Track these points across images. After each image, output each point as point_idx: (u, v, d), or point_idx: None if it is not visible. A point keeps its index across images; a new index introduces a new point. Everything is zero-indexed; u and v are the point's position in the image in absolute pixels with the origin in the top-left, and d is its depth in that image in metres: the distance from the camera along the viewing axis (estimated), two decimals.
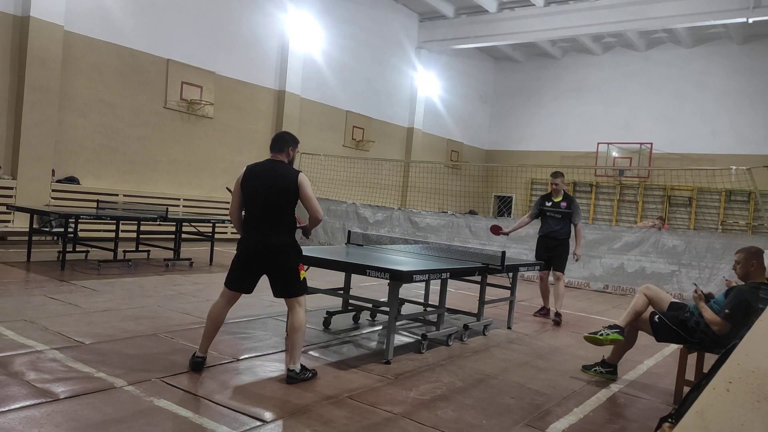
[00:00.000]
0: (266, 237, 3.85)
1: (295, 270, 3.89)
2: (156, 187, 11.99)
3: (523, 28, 17.13)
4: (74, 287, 6.26)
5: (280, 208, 3.87)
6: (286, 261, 3.87)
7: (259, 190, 3.88)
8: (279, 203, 3.87)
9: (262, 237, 3.85)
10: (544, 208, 7.36)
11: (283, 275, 3.88)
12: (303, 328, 3.88)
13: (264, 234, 3.85)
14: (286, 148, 4.02)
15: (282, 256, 3.86)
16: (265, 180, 3.88)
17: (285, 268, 3.88)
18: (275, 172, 3.90)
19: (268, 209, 3.87)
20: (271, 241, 3.84)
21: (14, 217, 9.65)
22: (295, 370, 3.79)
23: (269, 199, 3.86)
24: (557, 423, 3.50)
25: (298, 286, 3.91)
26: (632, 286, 9.74)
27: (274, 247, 3.84)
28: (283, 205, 3.89)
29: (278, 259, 3.86)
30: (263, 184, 3.88)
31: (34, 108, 9.86)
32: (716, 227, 17.79)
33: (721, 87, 18.30)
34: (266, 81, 14.19)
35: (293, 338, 3.84)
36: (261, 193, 3.87)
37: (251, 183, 3.91)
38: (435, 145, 20.32)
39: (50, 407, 3.05)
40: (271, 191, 3.85)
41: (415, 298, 6.67)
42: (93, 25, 10.72)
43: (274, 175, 3.89)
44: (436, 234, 12.01)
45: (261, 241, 3.86)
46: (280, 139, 4.05)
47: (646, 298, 4.47)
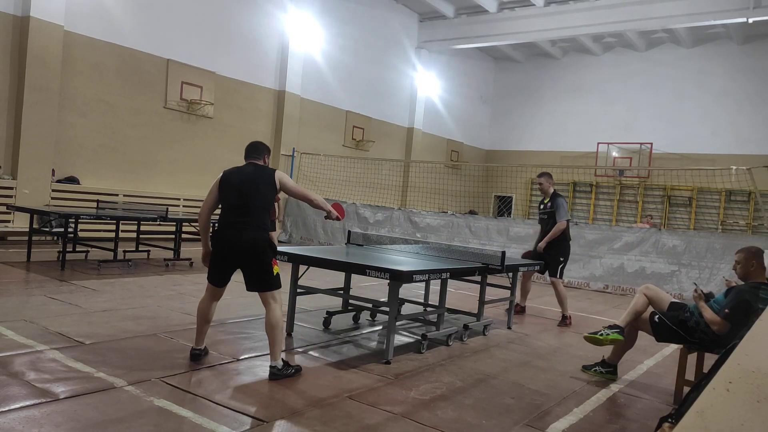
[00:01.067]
0: (242, 233, 3.94)
1: (268, 264, 3.95)
2: (156, 187, 11.99)
3: (523, 28, 17.13)
4: (74, 287, 6.26)
5: (260, 206, 4.00)
6: (261, 256, 3.93)
7: (243, 189, 4.00)
8: (261, 201, 4.01)
9: (238, 233, 3.94)
10: (539, 211, 7.33)
11: (257, 270, 3.96)
12: (280, 324, 3.94)
13: (237, 230, 3.95)
14: (262, 156, 4.22)
15: (256, 251, 3.93)
16: (249, 179, 4.03)
17: (259, 262, 3.94)
18: (257, 173, 4.07)
19: (248, 207, 3.98)
20: (246, 237, 3.93)
21: (14, 217, 9.65)
22: (277, 366, 3.85)
23: (252, 197, 3.98)
24: (557, 423, 3.50)
25: (272, 280, 3.97)
26: (632, 286, 9.74)
27: (250, 242, 3.93)
28: (264, 203, 4.02)
29: (253, 254, 3.93)
30: (248, 183, 4.01)
31: (34, 108, 9.86)
32: (716, 227, 17.79)
33: (721, 87, 18.31)
34: (266, 81, 14.19)
35: (271, 336, 3.90)
36: (244, 192, 3.99)
37: (234, 182, 4.03)
38: (435, 145, 20.32)
39: (50, 407, 3.05)
40: (255, 189, 3.99)
41: (415, 298, 6.67)
42: (93, 25, 10.72)
43: (256, 175, 4.05)
44: (436, 234, 12.02)
45: (237, 237, 3.95)
46: (257, 148, 4.23)
47: (646, 298, 4.47)
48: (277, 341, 3.88)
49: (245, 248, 3.93)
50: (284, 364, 3.90)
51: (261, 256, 3.93)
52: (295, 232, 14.21)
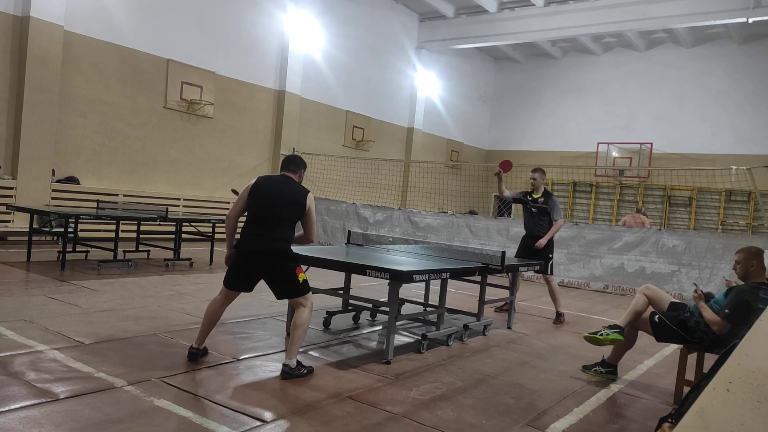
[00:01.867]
0: (266, 243, 4.01)
1: (292, 273, 4.04)
2: (156, 187, 11.99)
3: (523, 28, 17.13)
4: (74, 287, 6.26)
5: (286, 218, 4.09)
6: (283, 266, 4.02)
7: (271, 199, 4.08)
8: (287, 214, 4.09)
9: (262, 242, 4.01)
10: (526, 200, 7.29)
11: (281, 279, 4.04)
12: (305, 325, 3.97)
13: (265, 240, 4.01)
14: (299, 170, 4.31)
15: (279, 261, 4.01)
16: (279, 191, 4.12)
17: (282, 272, 4.03)
18: (290, 186, 4.16)
19: (274, 218, 4.06)
20: (268, 247, 4.00)
21: (14, 217, 9.65)
22: (290, 365, 3.88)
23: (279, 208, 4.07)
24: (557, 423, 3.50)
25: (298, 287, 4.05)
26: (632, 286, 9.74)
27: (271, 253, 4.00)
28: (290, 216, 4.11)
29: (275, 264, 4.01)
30: (277, 194, 4.10)
31: (34, 108, 9.86)
32: (716, 227, 17.79)
33: (721, 87, 18.30)
34: (266, 81, 14.19)
35: (293, 334, 3.95)
36: (272, 202, 4.07)
37: (263, 191, 4.11)
38: (435, 145, 20.32)
39: (50, 407, 3.05)
40: (283, 202, 4.08)
41: (415, 298, 6.67)
42: (93, 25, 10.72)
43: (288, 188, 4.14)
44: (436, 234, 12.01)
45: (260, 246, 4.01)
46: (294, 161, 4.32)
47: (646, 298, 4.47)
48: (297, 341, 3.94)
49: (265, 260, 4.00)
50: (297, 365, 3.92)
51: (283, 267, 4.02)
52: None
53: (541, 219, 7.06)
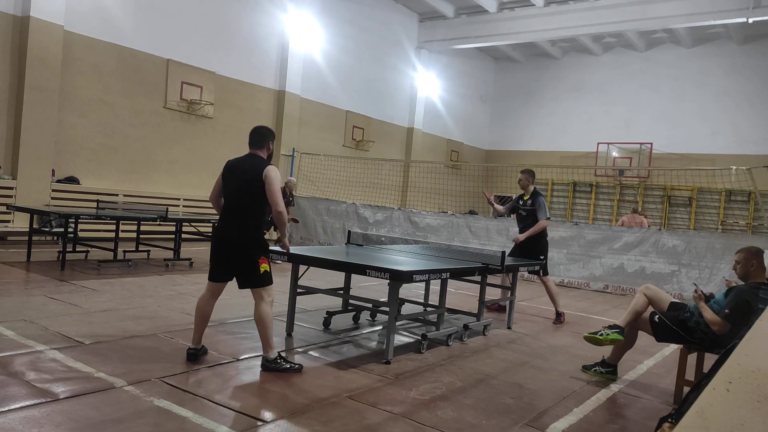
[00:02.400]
0: (230, 229, 4.00)
1: (254, 263, 3.96)
2: (156, 187, 11.99)
3: (523, 28, 17.13)
4: (74, 287, 6.26)
5: (245, 201, 3.99)
6: (246, 254, 3.97)
7: (231, 184, 4.05)
8: (244, 196, 3.99)
9: (228, 229, 4.01)
10: (517, 205, 7.34)
11: (243, 268, 4.00)
12: (265, 320, 3.96)
13: (229, 226, 4.01)
14: (265, 143, 4.15)
15: (242, 249, 3.97)
16: (237, 174, 4.03)
17: (245, 260, 3.97)
18: (250, 165, 4.03)
19: (234, 202, 4.03)
20: (233, 234, 3.98)
21: (14, 217, 9.65)
22: (267, 357, 3.95)
23: (237, 192, 4.01)
24: (557, 423, 3.50)
25: (258, 277, 3.98)
26: (632, 286, 9.74)
27: (236, 240, 3.97)
28: (247, 198, 3.99)
29: (239, 251, 3.98)
30: (235, 178, 4.03)
31: (34, 108, 9.86)
32: (716, 227, 17.79)
33: (721, 87, 18.31)
34: (266, 81, 14.19)
35: (258, 330, 3.98)
36: (232, 187, 4.04)
37: (227, 177, 4.09)
38: (435, 145, 20.32)
39: (50, 407, 3.05)
40: (240, 185, 4.00)
41: (415, 298, 6.67)
42: (93, 25, 10.72)
43: (244, 168, 4.02)
44: (436, 234, 12.01)
45: (225, 233, 4.02)
46: (257, 135, 4.15)
47: (646, 298, 4.47)
48: (264, 336, 3.96)
49: (231, 245, 3.98)
50: (277, 357, 3.96)
51: (247, 254, 3.96)
52: (295, 232, 14.20)
53: (530, 220, 7.07)
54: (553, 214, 20.81)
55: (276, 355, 3.97)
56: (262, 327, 3.96)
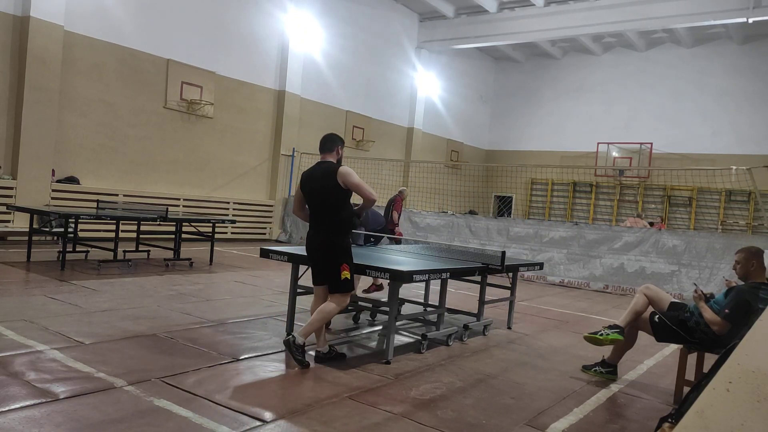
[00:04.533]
0: (315, 235, 4.24)
1: (336, 269, 4.14)
2: (156, 187, 11.99)
3: (523, 28, 17.13)
4: (74, 287, 6.26)
5: (325, 206, 4.19)
6: (330, 259, 4.17)
7: (309, 193, 4.26)
8: (323, 202, 4.19)
9: (313, 235, 4.26)
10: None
11: (326, 272, 4.21)
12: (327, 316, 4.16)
13: (314, 232, 4.25)
14: (335, 148, 4.31)
15: (326, 254, 4.17)
16: (312, 182, 4.23)
17: (328, 265, 4.18)
18: (321, 171, 4.21)
19: (316, 209, 4.24)
20: (318, 240, 4.21)
21: (14, 217, 9.65)
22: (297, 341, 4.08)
23: (315, 199, 4.22)
24: (557, 423, 3.50)
25: (338, 284, 4.17)
26: (632, 286, 9.74)
27: (320, 245, 4.20)
28: (327, 203, 4.17)
29: (323, 256, 4.19)
30: (311, 186, 4.24)
31: (34, 108, 9.87)
32: (716, 227, 17.79)
33: (721, 87, 18.31)
34: (266, 81, 14.19)
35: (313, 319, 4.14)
36: (310, 195, 4.25)
37: (304, 186, 4.30)
38: (435, 145, 20.32)
39: (50, 407, 3.05)
40: (316, 191, 4.20)
41: (415, 298, 6.66)
42: (93, 25, 10.72)
43: (317, 175, 4.21)
44: (436, 234, 12.02)
45: (312, 239, 4.27)
46: (328, 140, 4.33)
47: (646, 298, 4.47)
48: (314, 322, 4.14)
49: (317, 250, 4.23)
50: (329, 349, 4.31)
51: (330, 259, 4.16)
52: (295, 232, 14.20)
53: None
54: (553, 214, 20.84)
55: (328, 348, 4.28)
56: (319, 318, 4.12)
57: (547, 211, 21.06)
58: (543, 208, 21.26)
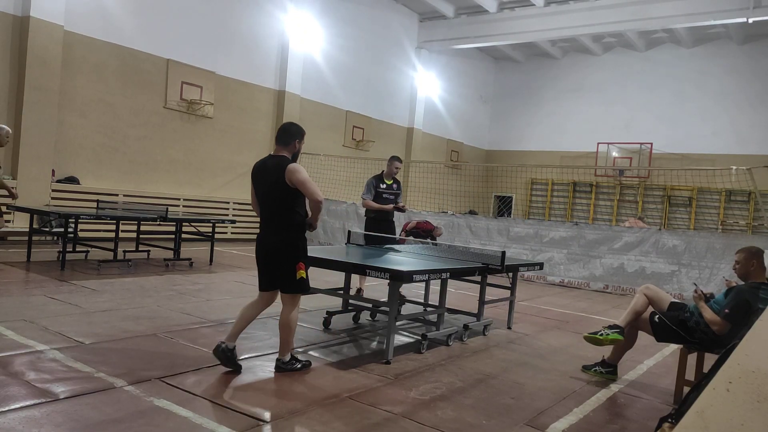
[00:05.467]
0: (266, 234, 3.94)
1: (291, 267, 3.88)
2: (156, 187, 11.98)
3: (523, 28, 17.13)
4: (74, 287, 6.26)
5: (274, 203, 3.87)
6: (283, 257, 3.88)
7: (258, 188, 3.97)
8: (273, 199, 3.87)
9: (263, 234, 3.96)
10: (380, 190, 7.44)
11: (278, 271, 3.92)
12: (290, 325, 3.92)
13: (264, 231, 3.95)
14: (291, 142, 3.97)
15: (279, 253, 3.89)
16: (261, 176, 3.93)
17: (283, 264, 3.90)
18: (269, 166, 3.90)
19: (266, 206, 3.93)
20: (269, 239, 3.91)
21: (14, 217, 9.65)
22: (283, 360, 3.95)
23: (265, 195, 3.91)
24: (557, 423, 3.50)
25: (292, 284, 3.90)
26: (632, 286, 9.74)
27: (272, 244, 3.90)
28: (277, 200, 3.85)
29: (275, 255, 3.90)
30: (260, 181, 3.94)
31: (34, 108, 9.86)
32: (716, 227, 17.79)
33: (721, 87, 18.30)
34: (266, 81, 14.19)
35: (280, 334, 3.97)
36: (259, 190, 3.95)
37: (255, 180, 4.01)
38: (435, 145, 20.32)
39: (50, 407, 3.05)
40: (266, 187, 3.89)
41: (415, 298, 6.66)
42: (93, 25, 10.72)
43: (267, 170, 3.89)
44: None
45: (262, 238, 3.96)
46: (285, 132, 3.98)
47: (646, 298, 4.47)
48: (284, 340, 3.95)
49: (268, 250, 3.92)
50: (291, 359, 3.97)
51: (283, 258, 3.88)
52: None
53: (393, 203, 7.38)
54: (553, 214, 20.84)
55: (290, 357, 3.97)
56: (285, 332, 3.93)
57: (547, 211, 21.06)
58: (543, 208, 21.26)
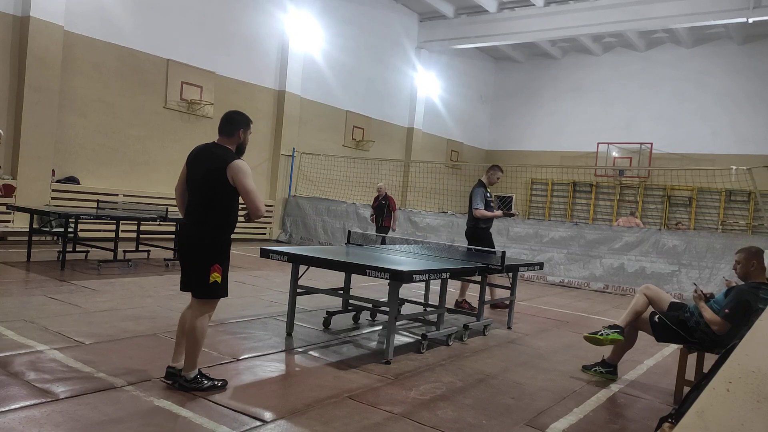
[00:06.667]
0: (187, 227, 3.54)
1: (204, 269, 3.41)
2: (156, 187, 11.98)
3: (523, 28, 17.13)
4: (74, 287, 6.26)
5: (205, 195, 3.45)
6: (198, 256, 3.44)
7: (190, 176, 3.54)
8: (204, 190, 3.45)
9: (185, 229, 3.58)
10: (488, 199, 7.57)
11: (191, 271, 3.48)
12: (195, 335, 3.41)
13: (188, 224, 3.55)
14: (235, 132, 3.52)
15: (195, 250, 3.46)
16: (197, 164, 3.49)
17: (195, 263, 3.46)
18: (208, 155, 3.48)
19: (194, 197, 3.51)
20: (189, 232, 3.50)
21: (14, 217, 9.65)
22: (186, 377, 3.42)
23: (196, 186, 3.49)
24: (557, 423, 3.50)
25: (204, 287, 3.43)
26: (632, 286, 9.74)
27: (190, 239, 3.49)
28: (209, 192, 3.43)
29: (191, 252, 3.49)
30: (194, 169, 3.50)
31: (34, 108, 9.86)
32: (716, 227, 17.79)
33: (721, 87, 18.31)
34: (266, 81, 14.19)
35: (187, 342, 3.46)
36: (191, 179, 3.53)
37: (188, 166, 3.57)
38: (435, 145, 20.32)
39: (50, 407, 3.05)
40: (199, 177, 3.46)
41: (415, 298, 6.66)
42: (93, 25, 10.72)
43: (205, 158, 3.47)
44: (436, 234, 12.02)
45: (183, 231, 3.61)
46: (229, 121, 3.53)
47: (646, 298, 4.47)
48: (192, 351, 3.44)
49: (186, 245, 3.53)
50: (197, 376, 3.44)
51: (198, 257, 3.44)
52: (295, 232, 14.21)
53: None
54: (553, 214, 20.83)
55: (196, 373, 3.44)
56: (192, 342, 3.41)
57: (547, 211, 21.06)
58: (543, 208, 21.26)
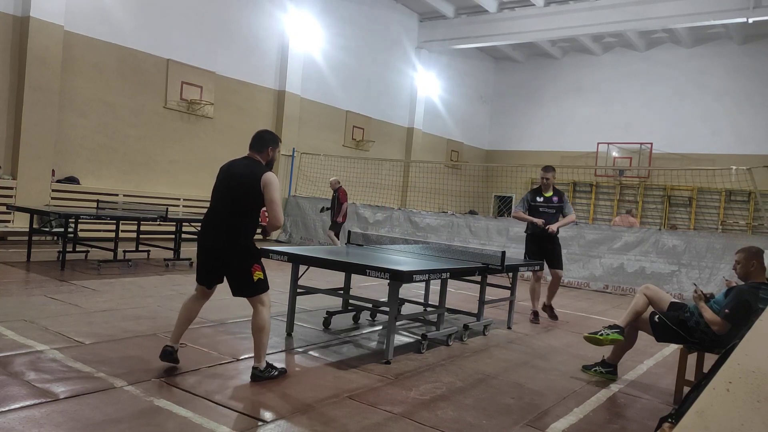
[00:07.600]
0: (217, 237, 3.77)
1: (247, 271, 3.75)
2: (156, 187, 11.98)
3: (523, 28, 17.13)
4: (74, 287, 6.26)
5: (235, 206, 3.76)
6: (238, 263, 3.75)
7: (223, 186, 3.83)
8: (235, 201, 3.76)
9: (214, 236, 3.79)
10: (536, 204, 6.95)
11: (235, 277, 3.80)
12: (264, 328, 3.78)
13: (216, 233, 3.78)
14: (265, 149, 3.92)
15: (233, 258, 3.75)
16: (231, 175, 3.82)
17: (237, 269, 3.77)
18: (246, 168, 3.81)
19: (223, 205, 3.80)
20: (220, 243, 3.76)
21: (14, 217, 9.65)
22: (259, 368, 3.77)
23: (229, 196, 3.78)
24: (557, 423, 3.50)
25: (253, 286, 3.77)
26: (632, 286, 9.74)
27: (224, 249, 3.75)
28: (239, 204, 3.76)
29: (229, 260, 3.77)
30: (229, 181, 3.81)
31: (34, 108, 9.86)
32: (716, 227, 17.79)
33: (721, 87, 18.31)
34: (266, 81, 14.19)
35: (255, 338, 3.79)
36: (222, 189, 3.82)
37: (220, 179, 3.88)
38: (435, 145, 20.32)
39: (50, 407, 3.05)
40: (233, 189, 3.77)
41: (415, 298, 6.66)
42: (93, 25, 10.72)
43: (240, 172, 3.79)
44: (436, 234, 12.01)
45: (212, 240, 3.80)
46: (260, 139, 3.94)
47: (646, 298, 4.47)
48: (260, 345, 3.77)
49: (220, 254, 3.78)
50: (267, 366, 3.81)
51: (239, 263, 3.75)
52: (295, 232, 14.20)
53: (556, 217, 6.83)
54: None
55: (265, 365, 3.81)
56: (259, 336, 3.77)
57: None
58: None
